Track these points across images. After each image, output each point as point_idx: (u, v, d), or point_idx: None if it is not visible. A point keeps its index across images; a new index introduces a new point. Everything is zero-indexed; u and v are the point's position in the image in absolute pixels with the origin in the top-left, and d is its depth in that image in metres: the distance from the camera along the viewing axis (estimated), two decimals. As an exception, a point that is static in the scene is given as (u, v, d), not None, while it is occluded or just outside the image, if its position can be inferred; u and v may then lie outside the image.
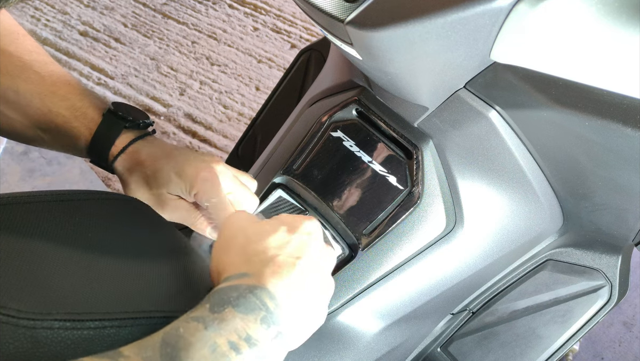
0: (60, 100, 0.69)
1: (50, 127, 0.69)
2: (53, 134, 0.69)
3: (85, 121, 0.68)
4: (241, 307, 0.45)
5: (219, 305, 0.45)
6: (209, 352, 0.41)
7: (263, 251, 0.50)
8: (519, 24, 0.51)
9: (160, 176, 0.68)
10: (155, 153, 0.68)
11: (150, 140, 0.70)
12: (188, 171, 0.67)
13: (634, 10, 0.48)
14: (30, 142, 0.72)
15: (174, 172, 0.67)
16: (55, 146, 0.71)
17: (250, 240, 0.52)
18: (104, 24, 2.10)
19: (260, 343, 0.44)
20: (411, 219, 0.69)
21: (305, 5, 0.61)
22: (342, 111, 0.75)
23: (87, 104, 0.69)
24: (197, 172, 0.67)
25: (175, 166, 0.67)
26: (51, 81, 0.69)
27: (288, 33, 2.12)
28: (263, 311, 0.45)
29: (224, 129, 1.80)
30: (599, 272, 0.75)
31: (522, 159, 0.66)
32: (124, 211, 0.62)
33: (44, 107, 0.68)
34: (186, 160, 0.68)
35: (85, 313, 0.44)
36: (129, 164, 0.68)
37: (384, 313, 0.70)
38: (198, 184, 0.66)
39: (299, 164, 0.75)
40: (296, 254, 0.50)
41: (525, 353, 0.74)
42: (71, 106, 0.69)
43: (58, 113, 0.68)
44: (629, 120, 0.53)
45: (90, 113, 0.69)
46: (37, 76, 0.69)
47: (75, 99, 0.69)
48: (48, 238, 0.51)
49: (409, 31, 0.52)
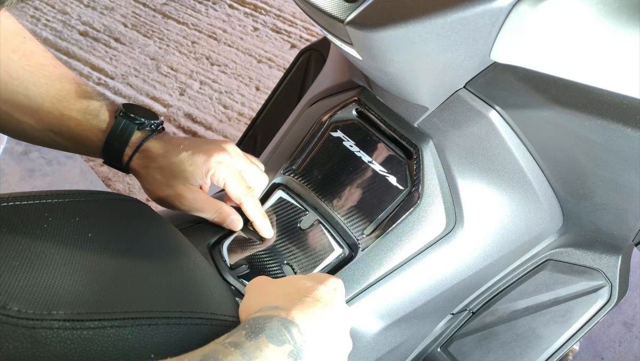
0: (72, 103, 0.69)
1: (63, 131, 0.69)
2: (66, 137, 0.70)
3: (98, 123, 0.69)
4: (274, 338, 0.47)
5: (255, 333, 0.46)
6: None
7: (294, 292, 0.53)
8: (519, 24, 0.51)
9: (175, 167, 0.69)
10: (167, 148, 0.70)
11: (160, 136, 0.71)
12: (200, 156, 0.70)
13: (634, 10, 0.48)
14: (44, 144, 0.73)
15: (187, 162, 0.69)
16: (69, 148, 0.72)
17: (280, 284, 0.55)
18: (104, 24, 2.10)
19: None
20: (411, 219, 0.69)
21: (305, 5, 0.61)
22: (342, 111, 0.75)
23: (98, 107, 0.70)
24: (209, 155, 0.69)
25: (187, 155, 0.69)
26: (61, 85, 0.70)
27: (288, 33, 2.12)
28: (291, 345, 0.47)
29: (224, 129, 1.80)
30: (599, 272, 0.75)
31: (522, 159, 0.66)
32: (124, 211, 0.62)
33: (56, 110, 0.69)
34: (197, 147, 0.71)
35: (85, 313, 0.44)
36: (143, 162, 0.70)
37: (384, 313, 0.70)
38: (211, 165, 0.69)
39: (299, 164, 0.75)
40: (324, 301, 0.52)
41: (525, 353, 0.74)
42: (83, 109, 0.69)
43: (70, 116, 0.69)
44: (629, 120, 0.53)
45: (102, 115, 0.70)
46: (46, 80, 0.69)
47: (86, 102, 0.70)
48: (48, 238, 0.51)
49: (409, 31, 0.52)
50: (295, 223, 0.72)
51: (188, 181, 0.70)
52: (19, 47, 0.69)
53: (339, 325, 0.52)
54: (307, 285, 0.54)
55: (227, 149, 0.71)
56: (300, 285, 0.54)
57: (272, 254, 0.71)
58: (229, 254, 0.72)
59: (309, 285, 0.54)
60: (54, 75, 0.70)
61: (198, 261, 0.62)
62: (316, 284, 0.54)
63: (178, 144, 0.71)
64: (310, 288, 0.54)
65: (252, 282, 0.57)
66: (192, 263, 0.60)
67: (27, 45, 0.70)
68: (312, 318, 0.50)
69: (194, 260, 0.61)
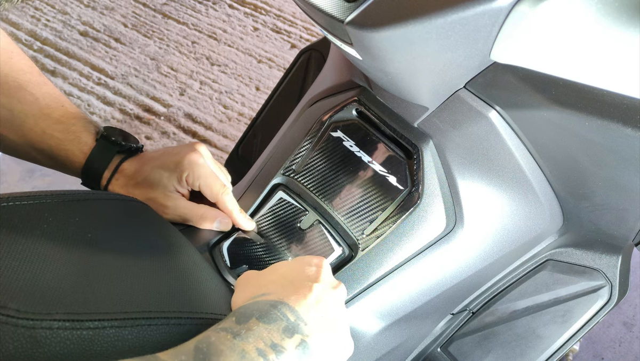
0: (54, 123, 0.70)
1: (44, 148, 0.70)
2: (46, 155, 0.71)
3: (79, 145, 0.70)
4: (264, 318, 0.48)
5: (244, 318, 0.47)
6: (239, 358, 0.44)
7: (280, 277, 0.54)
8: (519, 24, 0.51)
9: (151, 179, 0.70)
10: (140, 163, 0.71)
11: (136, 156, 0.73)
12: (173, 161, 0.70)
13: (634, 10, 0.48)
14: (25, 159, 0.73)
15: (161, 170, 0.70)
16: (49, 165, 0.73)
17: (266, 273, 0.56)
18: (104, 24, 2.10)
19: (286, 351, 0.47)
20: (411, 219, 0.69)
21: (305, 5, 0.61)
22: (342, 111, 0.75)
23: (80, 128, 0.71)
24: (181, 158, 0.70)
25: (160, 163, 0.71)
26: (45, 103, 0.70)
27: (288, 33, 2.12)
28: (284, 321, 0.48)
29: (224, 129, 1.80)
30: (599, 272, 0.75)
31: (522, 159, 0.66)
32: (124, 211, 0.62)
33: (38, 128, 0.70)
34: (168, 154, 0.72)
35: (85, 313, 0.44)
36: (122, 182, 0.71)
37: (384, 313, 0.70)
38: (185, 167, 0.70)
39: (299, 164, 0.75)
40: (311, 279, 0.54)
41: (525, 353, 0.74)
42: (65, 129, 0.70)
43: (52, 135, 0.70)
44: (629, 120, 0.53)
45: (83, 137, 0.71)
46: (31, 97, 0.70)
47: (69, 123, 0.71)
48: (48, 238, 0.51)
49: (409, 31, 0.52)
50: (295, 223, 0.72)
51: (166, 189, 0.70)
52: (6, 63, 0.69)
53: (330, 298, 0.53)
54: (292, 268, 0.55)
55: (198, 150, 0.72)
56: (285, 270, 0.55)
57: (272, 254, 0.71)
58: (229, 254, 0.72)
59: (293, 267, 0.55)
60: (39, 93, 0.70)
61: (198, 261, 0.62)
62: (300, 266, 0.55)
63: (150, 158, 0.72)
64: (294, 269, 0.55)
65: (241, 277, 0.58)
66: (191, 263, 0.60)
67: (14, 60, 0.70)
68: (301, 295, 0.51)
69: (194, 260, 0.61)
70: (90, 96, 1.85)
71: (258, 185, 0.77)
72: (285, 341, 0.47)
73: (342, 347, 0.53)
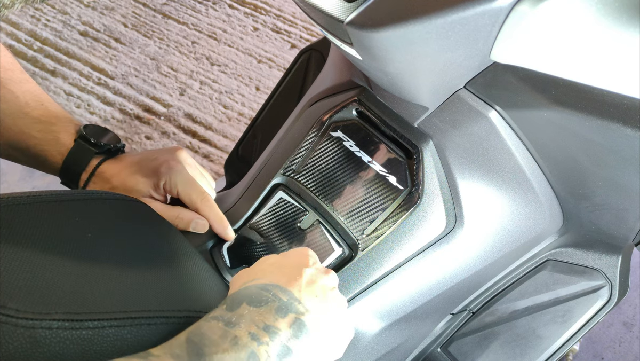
0: (33, 122, 0.69)
1: (22, 147, 0.70)
2: (25, 153, 0.70)
3: (57, 145, 0.70)
4: (254, 302, 0.47)
5: (234, 304, 0.47)
6: (231, 345, 0.43)
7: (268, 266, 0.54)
8: (519, 24, 0.51)
9: (127, 183, 0.69)
10: (119, 166, 0.70)
11: (116, 158, 0.72)
12: (150, 167, 0.69)
13: (634, 11, 0.48)
14: (3, 157, 0.73)
15: (138, 175, 0.69)
16: (28, 164, 0.73)
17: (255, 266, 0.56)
18: (104, 24, 2.10)
19: (280, 331, 0.46)
20: (411, 220, 0.69)
21: (305, 6, 0.61)
22: (342, 111, 0.75)
23: (59, 128, 0.70)
24: (159, 164, 0.69)
25: (138, 168, 0.70)
26: (25, 101, 0.70)
27: (288, 33, 2.12)
28: (276, 302, 0.47)
29: (224, 129, 1.80)
30: (599, 272, 0.75)
31: (522, 159, 0.66)
32: (124, 211, 0.62)
33: (16, 127, 0.69)
34: (147, 159, 0.71)
35: (84, 313, 0.44)
36: (99, 185, 0.70)
37: (384, 313, 0.70)
38: (163, 174, 0.69)
39: (299, 164, 0.75)
40: (300, 264, 0.53)
41: (525, 353, 0.74)
42: (43, 129, 0.70)
43: (30, 135, 0.69)
44: (629, 120, 0.53)
45: (62, 138, 0.70)
46: (11, 95, 0.69)
47: (48, 122, 0.70)
48: (48, 238, 0.51)
49: (409, 31, 0.52)
50: (295, 223, 0.72)
51: (141, 193, 0.69)
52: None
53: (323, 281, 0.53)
54: (281, 257, 0.55)
55: (178, 157, 0.71)
56: (273, 260, 0.55)
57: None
58: (229, 254, 0.72)
59: (282, 256, 0.55)
60: (19, 91, 0.70)
61: (197, 260, 0.62)
62: (290, 255, 0.55)
63: (129, 162, 0.71)
64: (284, 257, 0.55)
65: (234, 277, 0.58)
66: (191, 262, 0.60)
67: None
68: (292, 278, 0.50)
69: (193, 260, 0.61)
70: (90, 96, 1.85)
71: (258, 185, 0.77)
72: (279, 321, 0.46)
73: (341, 329, 0.52)
